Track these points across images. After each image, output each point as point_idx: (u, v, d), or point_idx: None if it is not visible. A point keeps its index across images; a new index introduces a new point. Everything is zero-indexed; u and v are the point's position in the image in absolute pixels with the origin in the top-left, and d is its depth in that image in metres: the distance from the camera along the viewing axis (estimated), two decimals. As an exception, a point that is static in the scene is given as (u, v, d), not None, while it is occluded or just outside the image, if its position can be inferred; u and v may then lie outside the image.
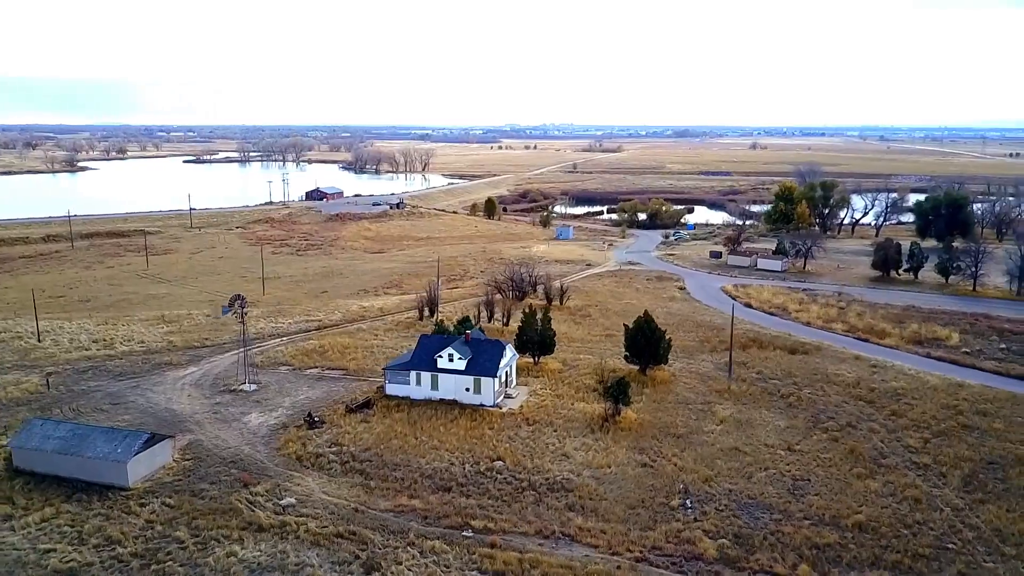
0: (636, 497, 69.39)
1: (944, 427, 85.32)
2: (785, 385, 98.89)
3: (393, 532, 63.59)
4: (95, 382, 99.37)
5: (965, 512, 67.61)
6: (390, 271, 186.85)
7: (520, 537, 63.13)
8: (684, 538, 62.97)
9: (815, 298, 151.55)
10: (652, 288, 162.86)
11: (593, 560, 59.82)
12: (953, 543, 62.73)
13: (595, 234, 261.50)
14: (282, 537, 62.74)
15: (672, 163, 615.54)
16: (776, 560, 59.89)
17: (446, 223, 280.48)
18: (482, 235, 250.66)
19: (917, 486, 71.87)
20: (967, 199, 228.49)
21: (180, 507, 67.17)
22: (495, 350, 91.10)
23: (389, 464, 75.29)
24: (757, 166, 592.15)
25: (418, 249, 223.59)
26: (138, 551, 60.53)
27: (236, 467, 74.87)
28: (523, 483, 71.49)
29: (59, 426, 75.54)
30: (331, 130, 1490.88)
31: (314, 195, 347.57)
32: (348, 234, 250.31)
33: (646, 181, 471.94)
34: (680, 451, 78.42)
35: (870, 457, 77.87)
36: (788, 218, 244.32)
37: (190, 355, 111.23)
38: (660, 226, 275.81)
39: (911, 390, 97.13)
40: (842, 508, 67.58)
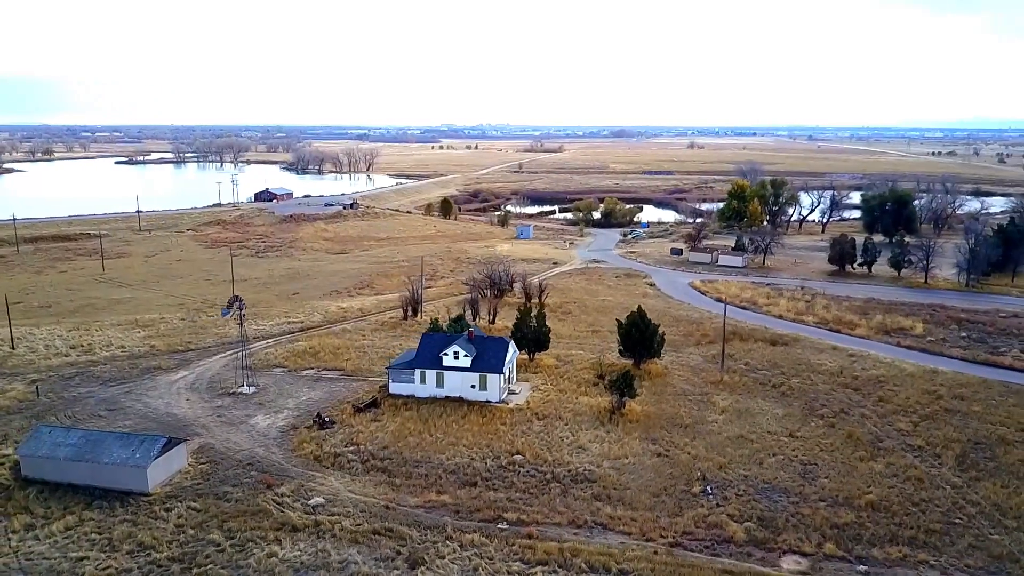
0: (658, 485, 71.56)
1: (929, 411, 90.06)
2: (774, 375, 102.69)
3: (429, 527, 64.28)
4: (85, 388, 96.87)
5: (964, 489, 71.80)
6: (357, 272, 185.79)
7: (554, 528, 64.59)
8: (711, 523, 65.37)
9: (781, 292, 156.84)
10: (623, 285, 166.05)
11: (630, 547, 61.68)
12: (959, 519, 66.66)
13: (554, 233, 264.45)
14: (318, 536, 62.85)
15: (614, 163, 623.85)
16: (802, 540, 62.75)
17: (403, 223, 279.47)
18: (443, 235, 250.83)
19: (916, 467, 75.92)
20: (911, 196, 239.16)
21: (207, 510, 66.54)
22: (499, 347, 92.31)
23: (410, 461, 75.83)
24: (697, 165, 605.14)
25: (381, 249, 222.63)
26: (175, 555, 59.90)
27: (255, 469, 74.36)
28: (546, 475, 72.95)
29: (69, 433, 73.81)
30: (265, 130, 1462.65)
31: (263, 196, 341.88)
32: (305, 235, 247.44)
33: (592, 181, 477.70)
34: (690, 440, 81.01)
35: (867, 441, 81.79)
36: (741, 215, 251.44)
37: (177, 359, 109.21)
38: (615, 225, 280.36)
39: (891, 377, 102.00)
40: (852, 489, 70.99)
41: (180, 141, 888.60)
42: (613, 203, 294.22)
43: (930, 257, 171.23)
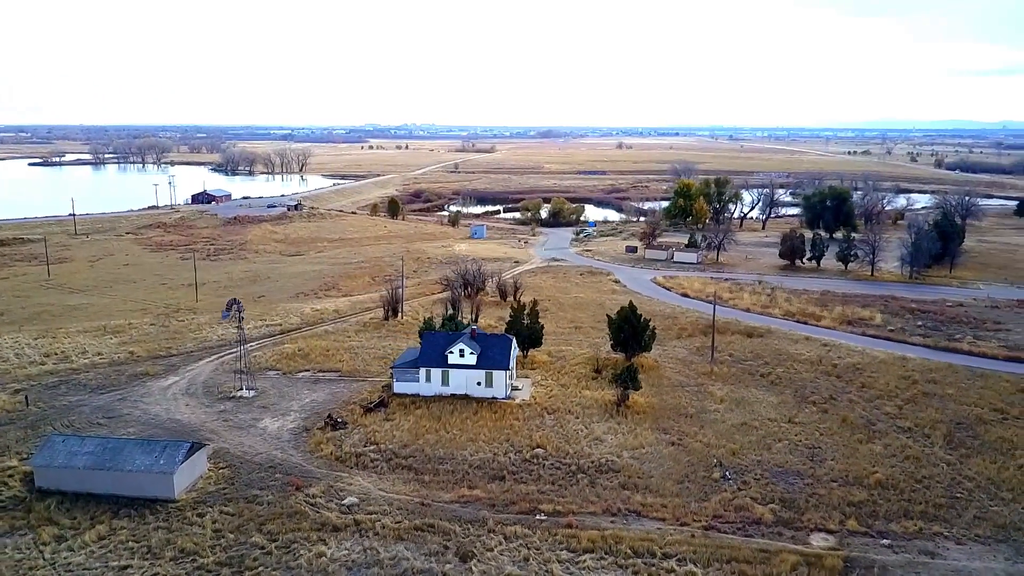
0: (679, 473, 74.30)
1: (909, 395, 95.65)
2: (759, 365, 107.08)
3: (469, 522, 65.32)
4: (74, 396, 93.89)
5: (957, 466, 76.89)
6: (318, 273, 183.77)
7: (590, 516, 66.51)
8: (737, 506, 68.40)
9: (742, 287, 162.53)
10: (589, 282, 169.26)
11: (667, 532, 64.10)
12: (959, 493, 71.50)
13: (505, 232, 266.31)
14: (362, 535, 63.18)
15: (548, 163, 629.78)
16: (825, 518, 66.37)
17: (352, 224, 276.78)
18: (396, 235, 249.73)
19: (911, 447, 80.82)
20: (849, 193, 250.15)
21: (241, 514, 65.97)
22: (504, 344, 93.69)
23: (434, 458, 76.56)
24: (628, 165, 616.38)
25: (337, 250, 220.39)
26: (222, 560, 59.37)
27: (278, 472, 73.88)
28: (571, 467, 74.81)
29: (84, 441, 71.86)
30: (183, 130, 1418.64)
31: (201, 198, 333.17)
32: (254, 237, 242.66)
33: (531, 181, 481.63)
34: (699, 429, 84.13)
35: (861, 424, 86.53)
36: (687, 213, 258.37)
37: (162, 364, 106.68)
38: (563, 224, 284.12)
39: (867, 365, 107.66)
40: (859, 470, 75.20)
41: (95, 142, 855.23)
42: (560, 203, 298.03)
43: (876, 251, 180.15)
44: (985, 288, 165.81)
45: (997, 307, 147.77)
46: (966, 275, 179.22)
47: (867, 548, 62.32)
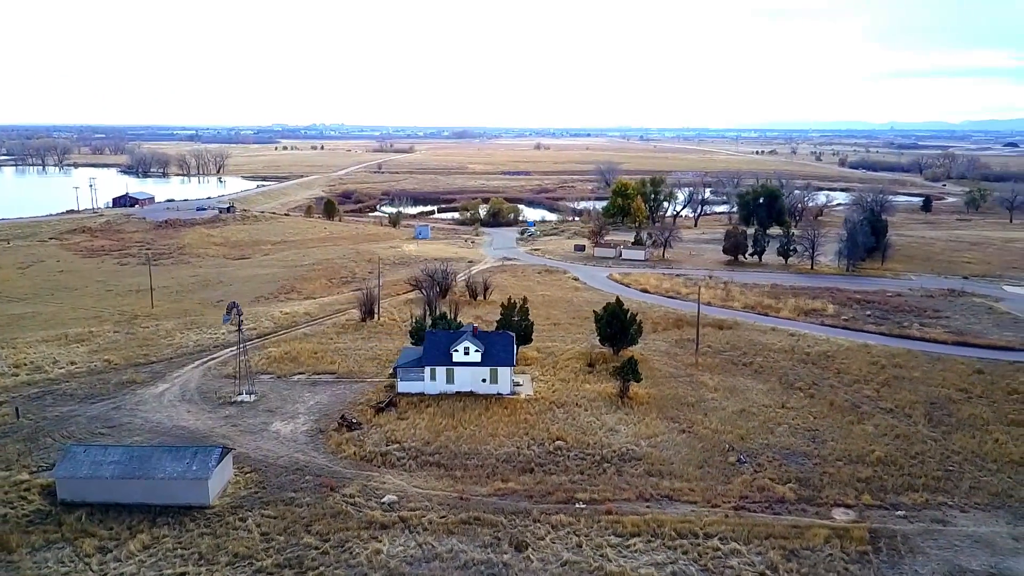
0: (697, 458, 77.88)
1: (882, 379, 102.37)
2: (738, 356, 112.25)
3: (513, 513, 66.98)
4: (63, 407, 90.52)
5: (943, 442, 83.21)
6: (272, 277, 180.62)
7: (626, 503, 69.21)
8: (759, 486, 72.39)
9: (696, 282, 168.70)
10: (549, 280, 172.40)
11: (702, 513, 67.43)
12: (951, 466, 77.55)
13: (448, 233, 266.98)
14: (411, 531, 64.03)
15: (471, 163, 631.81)
16: (841, 494, 71.07)
17: (290, 226, 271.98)
18: (339, 236, 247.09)
19: (897, 426, 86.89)
20: (781, 191, 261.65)
21: (283, 516, 65.77)
22: (506, 341, 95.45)
23: (460, 454, 77.78)
24: (550, 165, 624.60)
25: (283, 253, 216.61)
26: (280, 562, 59.28)
27: (308, 473, 73.70)
28: (595, 457, 77.37)
29: (108, 450, 69.97)
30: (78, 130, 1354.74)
31: (123, 201, 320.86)
32: (192, 241, 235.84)
33: (458, 181, 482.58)
34: (703, 417, 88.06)
35: (848, 407, 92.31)
36: (625, 212, 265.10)
37: (145, 372, 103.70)
38: (503, 224, 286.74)
39: (836, 352, 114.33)
40: (858, 449, 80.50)
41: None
42: (499, 203, 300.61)
43: (816, 246, 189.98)
44: (916, 279, 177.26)
45: (932, 296, 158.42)
46: (896, 267, 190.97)
47: (885, 519, 67.18)
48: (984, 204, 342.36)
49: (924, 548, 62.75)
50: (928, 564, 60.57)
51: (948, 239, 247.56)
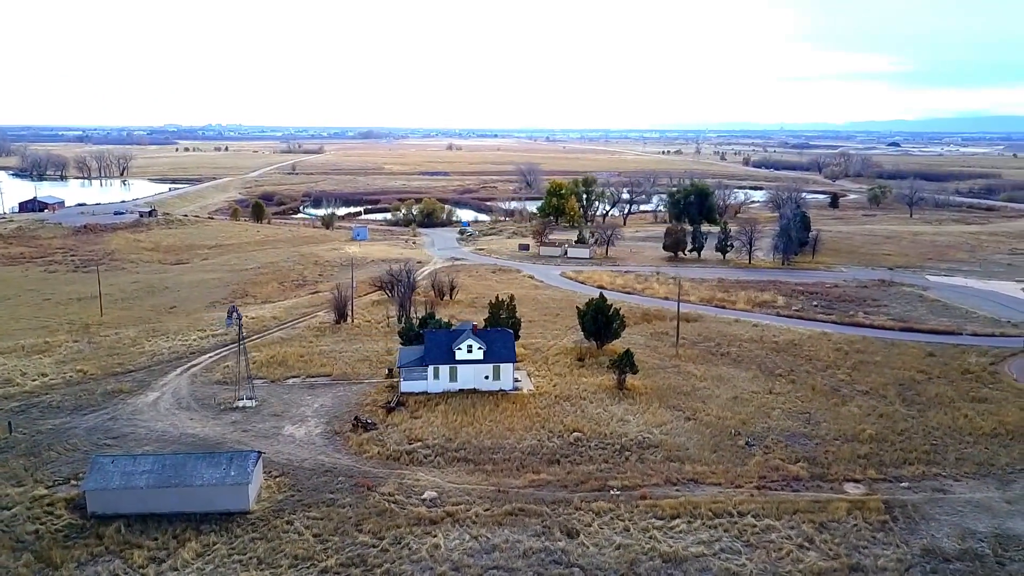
0: (709, 443, 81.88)
1: (851, 364, 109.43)
2: (713, 346, 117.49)
3: (553, 503, 69.07)
4: (55, 419, 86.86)
5: (920, 419, 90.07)
6: (220, 281, 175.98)
7: (656, 488, 72.36)
8: (773, 467, 76.88)
9: (646, 278, 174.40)
10: (505, 279, 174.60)
11: (729, 494, 71.28)
12: (935, 441, 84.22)
13: (384, 234, 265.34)
14: (461, 524, 65.25)
15: (387, 164, 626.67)
16: (848, 470, 76.33)
17: (220, 230, 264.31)
18: (275, 240, 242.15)
19: (877, 406, 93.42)
20: (710, 190, 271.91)
21: (330, 518, 65.83)
22: (506, 338, 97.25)
23: (484, 449, 79.21)
24: (466, 166, 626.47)
25: (223, 257, 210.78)
26: (343, 561, 59.60)
27: (339, 475, 73.68)
28: (615, 446, 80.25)
29: (137, 460, 68.15)
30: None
31: (32, 206, 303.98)
32: (119, 247, 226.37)
33: (378, 182, 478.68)
34: (702, 404, 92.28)
35: (828, 391, 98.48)
36: (560, 211, 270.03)
37: (127, 381, 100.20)
38: (437, 224, 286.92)
39: (801, 341, 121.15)
40: (850, 429, 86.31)
41: None
42: (432, 203, 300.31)
43: (753, 242, 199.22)
44: (847, 271, 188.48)
45: (866, 287, 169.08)
46: (826, 260, 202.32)
47: (893, 491, 72.70)
48: (885, 200, 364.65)
49: (933, 515, 68.40)
50: (942, 528, 66.14)
51: (862, 233, 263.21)
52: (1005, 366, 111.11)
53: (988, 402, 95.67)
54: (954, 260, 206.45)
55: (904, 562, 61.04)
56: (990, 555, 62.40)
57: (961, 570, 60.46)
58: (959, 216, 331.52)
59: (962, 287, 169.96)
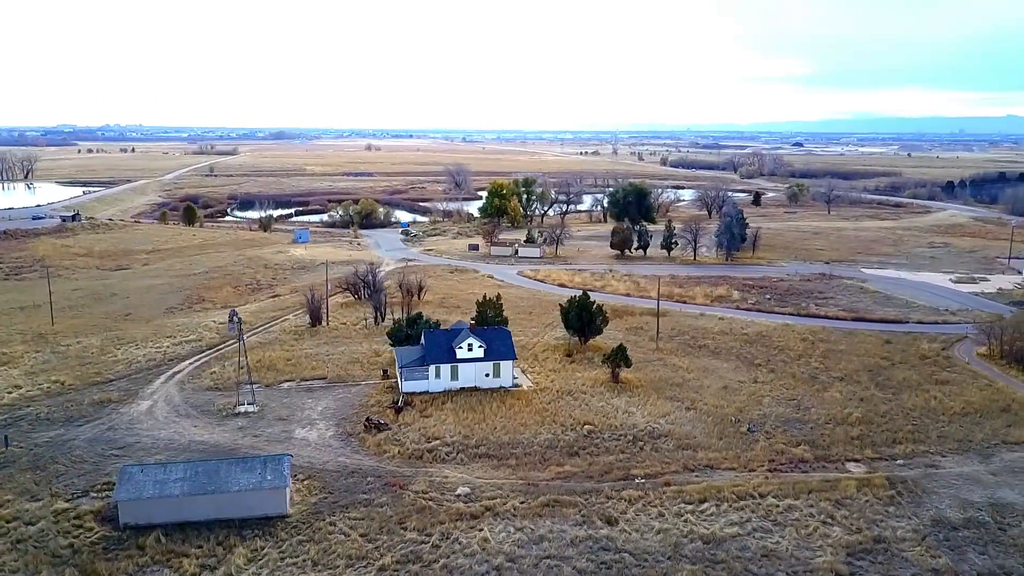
0: (714, 431, 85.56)
1: (820, 352, 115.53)
2: (688, 339, 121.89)
3: (584, 493, 71.18)
4: (49, 432, 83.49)
5: (896, 402, 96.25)
6: (171, 286, 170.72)
7: (676, 475, 75.41)
8: (778, 450, 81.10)
9: (602, 275, 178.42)
10: (465, 279, 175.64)
11: (745, 478, 74.99)
12: (915, 421, 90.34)
13: (324, 236, 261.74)
14: (501, 517, 66.60)
15: (308, 165, 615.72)
16: (848, 451, 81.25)
17: (152, 234, 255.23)
18: (216, 243, 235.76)
19: (856, 391, 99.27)
20: (649, 190, 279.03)
21: (371, 517, 66.13)
22: (505, 335, 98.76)
23: (502, 444, 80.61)
24: (389, 167, 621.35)
25: (165, 262, 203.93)
26: (399, 558, 60.18)
27: (366, 475, 73.78)
28: (628, 437, 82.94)
29: (168, 468, 66.71)
30: None
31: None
32: (47, 253, 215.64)
33: (303, 183, 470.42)
34: (696, 395, 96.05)
35: (807, 378, 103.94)
36: (502, 211, 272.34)
37: (112, 390, 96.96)
38: (376, 225, 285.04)
39: (767, 332, 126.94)
40: (839, 413, 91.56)
41: None
42: (370, 204, 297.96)
43: (697, 239, 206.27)
44: (787, 265, 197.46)
45: (809, 280, 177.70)
46: (766, 256, 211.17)
47: (891, 468, 77.89)
48: (802, 198, 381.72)
49: (932, 488, 73.74)
50: (943, 500, 71.44)
51: (790, 230, 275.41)
52: (954, 350, 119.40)
53: (951, 384, 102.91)
54: (881, 254, 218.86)
55: (920, 532, 65.81)
56: (991, 523, 67.84)
57: (969, 537, 65.56)
58: (872, 212, 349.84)
59: (896, 279, 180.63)
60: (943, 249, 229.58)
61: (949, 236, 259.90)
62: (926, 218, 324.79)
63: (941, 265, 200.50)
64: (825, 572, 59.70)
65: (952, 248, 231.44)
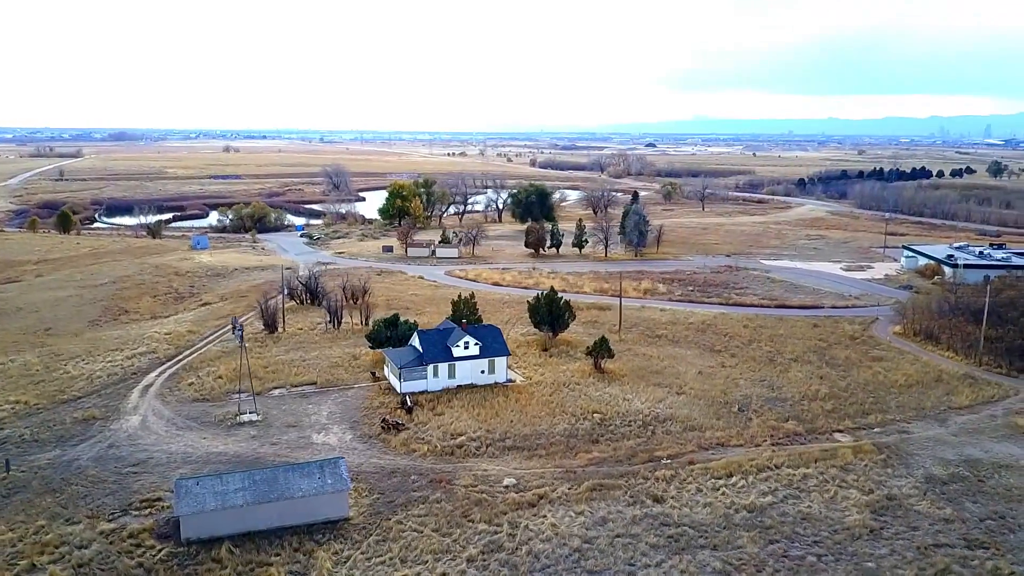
0: (710, 412, 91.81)
1: (766, 337, 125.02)
2: (643, 330, 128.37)
3: (622, 475, 75.20)
4: (47, 454, 78.06)
5: (851, 378, 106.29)
6: (83, 298, 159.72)
7: (694, 454, 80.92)
8: (772, 427, 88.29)
9: (529, 273, 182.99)
10: (400, 280, 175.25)
11: (756, 452, 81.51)
12: (872, 394, 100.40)
13: (219, 241, 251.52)
14: (558, 504, 69.51)
15: (169, 167, 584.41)
16: (830, 424, 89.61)
17: (27, 243, 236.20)
18: (108, 252, 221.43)
19: (813, 371, 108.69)
20: (551, 191, 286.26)
21: (434, 513, 67.30)
22: (496, 333, 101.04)
23: (526, 436, 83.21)
24: (254, 168, 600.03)
25: (62, 272, 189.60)
26: (482, 548, 61.94)
27: (408, 474, 74.50)
28: (638, 423, 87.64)
29: (224, 479, 64.89)
30: None
31: None
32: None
33: (170, 187, 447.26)
34: (679, 380, 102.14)
35: (766, 361, 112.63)
36: (404, 212, 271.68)
37: (88, 407, 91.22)
38: (269, 229, 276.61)
39: (710, 320, 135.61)
40: (808, 390, 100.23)
41: None
42: (261, 207, 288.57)
43: (608, 237, 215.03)
44: (693, 259, 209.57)
45: (719, 272, 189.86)
46: (670, 251, 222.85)
47: (872, 436, 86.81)
48: (675, 196, 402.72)
49: (912, 452, 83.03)
50: (925, 460, 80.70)
51: (679, 226, 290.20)
52: (873, 331, 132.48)
53: (885, 360, 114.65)
54: (770, 246, 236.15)
55: (919, 488, 74.32)
56: (971, 476, 77.47)
57: (959, 490, 74.70)
58: (741, 208, 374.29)
59: (793, 269, 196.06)
60: (820, 241, 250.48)
61: (818, 229, 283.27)
62: (789, 213, 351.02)
63: (825, 255, 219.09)
64: (860, 528, 66.59)
65: (828, 240, 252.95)
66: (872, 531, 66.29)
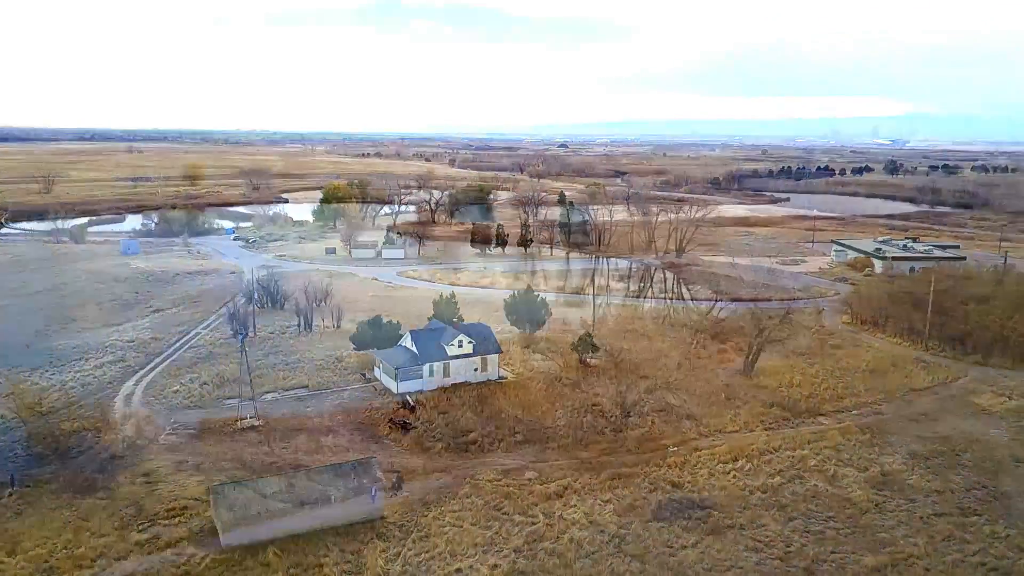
0: (701, 401, 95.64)
1: (731, 328, 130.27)
2: (612, 326, 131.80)
3: (637, 464, 77.92)
4: (47, 467, 75.01)
5: (818, 365, 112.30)
6: (21, 308, 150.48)
7: (696, 440, 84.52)
8: (759, 413, 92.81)
9: (484, 274, 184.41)
10: (354, 282, 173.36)
11: (754, 436, 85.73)
12: (841, 380, 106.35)
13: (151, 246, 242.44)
14: (584, 493, 71.59)
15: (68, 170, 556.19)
16: (811, 409, 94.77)
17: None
18: (30, 259, 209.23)
19: (781, 360, 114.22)
20: (489, 191, 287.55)
21: (467, 508, 68.44)
22: (487, 331, 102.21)
23: (535, 430, 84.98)
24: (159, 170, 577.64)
25: None
26: (526, 540, 63.38)
27: (429, 472, 75.14)
28: (636, 414, 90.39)
29: (261, 483, 64.25)
30: None
31: None
32: None
33: (80, 191, 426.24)
34: (660, 372, 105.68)
35: (738, 349, 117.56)
36: (339, 214, 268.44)
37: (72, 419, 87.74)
38: (199, 232, 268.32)
39: (673, 316, 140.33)
40: (781, 379, 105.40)
41: None
42: (191, 211, 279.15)
43: (553, 236, 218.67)
44: (638, 257, 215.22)
45: (666, 268, 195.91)
46: (612, 249, 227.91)
47: (851, 419, 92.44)
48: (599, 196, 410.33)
49: (890, 431, 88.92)
50: (905, 437, 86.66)
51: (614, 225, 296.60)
52: (823, 320, 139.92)
53: (843, 347, 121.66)
54: (704, 243, 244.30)
55: (907, 464, 79.88)
56: (948, 451, 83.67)
57: (942, 464, 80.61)
58: (663, 208, 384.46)
59: (734, 264, 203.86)
60: (750, 237, 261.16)
61: (744, 226, 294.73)
62: (712, 211, 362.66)
63: (758, 251, 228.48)
64: (866, 503, 71.31)
65: (756, 236, 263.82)
66: (877, 505, 70.97)
